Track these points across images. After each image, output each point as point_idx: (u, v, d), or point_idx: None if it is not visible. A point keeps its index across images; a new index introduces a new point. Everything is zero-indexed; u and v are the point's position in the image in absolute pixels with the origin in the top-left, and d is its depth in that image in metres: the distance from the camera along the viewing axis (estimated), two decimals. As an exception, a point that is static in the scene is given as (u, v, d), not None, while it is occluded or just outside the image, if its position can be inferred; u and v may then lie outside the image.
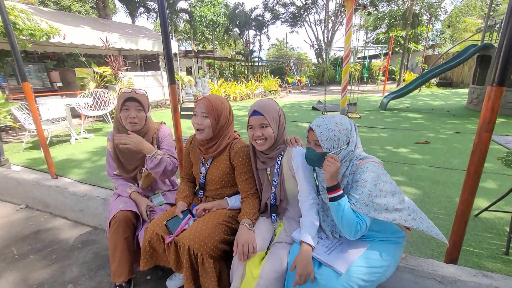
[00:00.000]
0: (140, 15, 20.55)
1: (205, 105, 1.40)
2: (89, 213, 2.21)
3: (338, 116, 1.23)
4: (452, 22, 23.95)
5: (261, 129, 1.31)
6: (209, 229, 1.33)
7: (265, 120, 1.30)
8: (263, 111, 1.30)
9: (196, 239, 1.27)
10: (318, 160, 1.19)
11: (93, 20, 10.41)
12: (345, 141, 1.18)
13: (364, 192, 1.09)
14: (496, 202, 2.10)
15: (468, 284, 1.16)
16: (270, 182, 1.41)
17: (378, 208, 1.08)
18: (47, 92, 6.67)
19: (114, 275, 1.49)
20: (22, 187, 2.57)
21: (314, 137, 1.19)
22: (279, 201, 1.39)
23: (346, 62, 4.91)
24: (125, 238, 1.50)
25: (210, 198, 1.59)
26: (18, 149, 4.32)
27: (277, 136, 1.35)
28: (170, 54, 1.93)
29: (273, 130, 1.31)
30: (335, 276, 1.07)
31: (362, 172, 1.13)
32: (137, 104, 1.56)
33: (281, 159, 1.38)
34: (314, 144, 1.22)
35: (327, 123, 1.17)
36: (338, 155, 1.17)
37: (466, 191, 1.34)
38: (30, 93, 2.80)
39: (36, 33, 4.72)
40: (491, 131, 1.26)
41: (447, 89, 14.04)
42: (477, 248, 1.84)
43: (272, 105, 1.36)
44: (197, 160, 1.57)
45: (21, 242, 2.05)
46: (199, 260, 1.28)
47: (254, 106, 1.35)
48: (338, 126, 1.17)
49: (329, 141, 1.16)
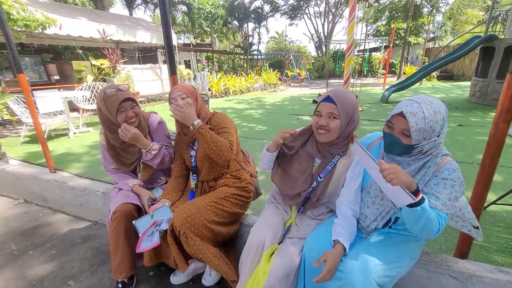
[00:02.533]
0: (138, 6, 20.20)
1: (180, 89, 1.46)
2: (89, 207, 2.16)
3: (435, 100, 1.01)
4: (454, 14, 23.66)
5: (328, 119, 1.18)
6: (195, 208, 1.34)
7: (336, 110, 1.16)
8: (337, 100, 1.16)
9: (179, 217, 1.29)
10: (403, 151, 1.03)
11: (90, 11, 10.18)
12: (438, 132, 1.01)
13: (452, 192, 0.99)
14: (505, 196, 2.06)
15: (484, 280, 1.12)
16: (311, 174, 1.30)
17: (462, 209, 1.01)
18: (44, 85, 6.55)
19: (116, 272, 1.44)
20: (20, 181, 2.51)
21: (404, 125, 0.99)
22: (315, 199, 1.28)
23: (349, 54, 4.82)
24: (126, 233, 1.45)
25: (205, 184, 1.58)
26: (15, 143, 4.25)
27: (343, 133, 1.21)
28: (170, 43, 1.85)
29: (341, 123, 1.18)
30: (354, 271, 1.01)
31: (452, 170, 1.01)
32: (131, 103, 1.52)
33: (338, 159, 1.26)
34: (400, 133, 1.01)
35: (424, 112, 0.96)
36: (424, 147, 1.02)
37: (480, 184, 1.29)
38: (26, 85, 2.72)
39: (31, 24, 4.59)
40: (509, 121, 1.19)
41: (448, 82, 13.95)
42: (486, 242, 1.80)
43: (350, 98, 1.21)
44: (186, 148, 1.58)
45: (20, 237, 2.00)
46: (182, 238, 1.29)
47: (330, 92, 1.20)
48: (437, 115, 0.97)
49: (423, 133, 0.97)
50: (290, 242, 1.22)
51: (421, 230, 0.98)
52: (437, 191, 1.01)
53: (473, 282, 1.13)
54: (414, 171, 1.06)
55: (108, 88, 1.48)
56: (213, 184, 1.56)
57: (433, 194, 1.01)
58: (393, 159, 1.10)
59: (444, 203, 0.99)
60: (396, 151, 1.05)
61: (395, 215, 1.13)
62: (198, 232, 1.30)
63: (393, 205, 1.10)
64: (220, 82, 11.04)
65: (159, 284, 1.56)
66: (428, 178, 1.04)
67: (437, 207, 0.98)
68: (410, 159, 1.07)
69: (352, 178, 1.21)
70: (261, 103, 8.47)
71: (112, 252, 1.45)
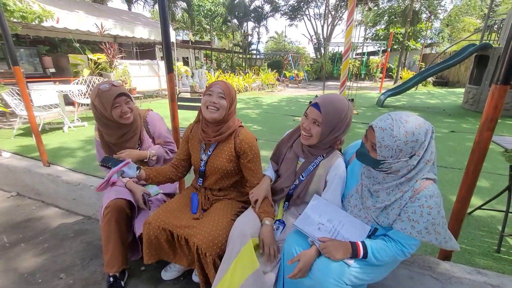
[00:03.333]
0: (137, 1, 20.04)
1: (222, 86, 1.39)
2: (82, 202, 2.17)
3: (413, 120, 0.99)
4: (451, 21, 23.97)
5: (312, 124, 1.22)
6: (219, 229, 1.31)
7: (320, 118, 1.19)
8: (323, 109, 1.18)
9: (205, 240, 1.26)
10: (371, 164, 1.07)
11: (88, 4, 10.09)
12: (409, 154, 0.99)
13: (429, 220, 0.99)
14: (490, 201, 2.12)
15: (462, 281, 1.17)
16: (295, 172, 1.35)
17: (439, 237, 1.02)
18: (40, 78, 6.49)
19: (107, 266, 1.47)
20: (13, 174, 2.51)
21: (373, 138, 1.01)
22: (296, 196, 1.34)
23: (346, 57, 4.88)
24: (118, 227, 1.47)
25: (209, 191, 1.56)
26: (9, 136, 4.21)
27: (324, 140, 1.24)
28: (168, 40, 1.87)
29: (322, 131, 1.20)
30: (328, 271, 1.06)
31: (429, 196, 1.00)
32: (125, 98, 1.53)
33: (320, 161, 1.30)
34: (370, 146, 1.05)
35: (394, 130, 0.96)
36: (392, 165, 1.02)
37: (463, 189, 1.34)
38: (21, 77, 2.71)
39: (28, 16, 4.55)
40: (493, 129, 1.25)
41: (443, 88, 14.14)
42: (470, 245, 1.86)
43: (339, 107, 1.20)
44: (198, 148, 1.52)
45: (12, 230, 2.01)
46: (208, 259, 1.26)
47: (319, 99, 1.22)
48: (407, 136, 0.96)
49: (389, 151, 0.98)
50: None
51: (387, 262, 1.09)
52: (414, 219, 1.01)
53: (452, 283, 1.18)
54: (388, 188, 1.07)
55: (102, 84, 1.50)
56: (217, 193, 1.54)
57: (409, 222, 1.03)
58: (369, 170, 1.13)
59: (419, 231, 1.01)
60: (365, 162, 1.10)
61: (373, 227, 1.17)
62: (220, 251, 1.28)
63: (371, 217, 1.14)
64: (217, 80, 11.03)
65: (150, 279, 1.58)
66: (404, 203, 1.04)
67: (412, 234, 1.02)
68: (384, 175, 1.08)
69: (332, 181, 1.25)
70: (258, 103, 8.50)
71: (104, 246, 1.47)
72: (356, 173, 1.23)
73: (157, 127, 1.73)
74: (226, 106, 1.39)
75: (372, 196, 1.12)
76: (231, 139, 1.46)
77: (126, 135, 1.60)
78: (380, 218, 1.11)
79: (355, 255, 1.07)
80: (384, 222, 1.10)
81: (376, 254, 1.06)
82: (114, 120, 1.52)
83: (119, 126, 1.56)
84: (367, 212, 1.14)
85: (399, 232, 1.07)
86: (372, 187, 1.11)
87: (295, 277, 1.10)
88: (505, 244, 1.89)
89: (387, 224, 1.10)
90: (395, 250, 1.06)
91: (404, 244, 1.06)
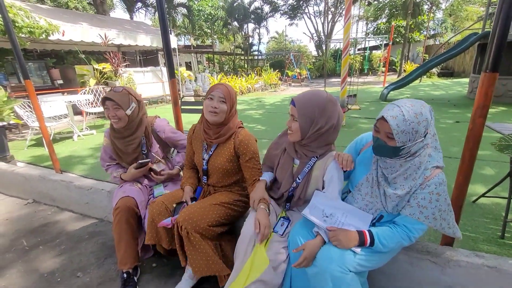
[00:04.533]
0: (138, 10, 20.39)
1: (223, 91, 1.45)
2: (94, 206, 2.27)
3: (416, 103, 1.05)
4: (454, 10, 23.59)
5: (292, 121, 1.25)
6: (203, 209, 1.41)
7: (295, 112, 1.22)
8: (297, 103, 1.22)
9: (187, 217, 1.35)
10: (391, 153, 1.08)
11: (91, 16, 10.36)
12: (423, 133, 1.03)
13: (437, 206, 1.05)
14: (493, 188, 2.13)
15: (460, 263, 1.20)
16: (292, 175, 1.37)
17: (443, 223, 1.08)
18: (48, 89, 6.70)
19: (121, 263, 1.55)
20: (28, 182, 2.63)
21: (387, 128, 1.03)
22: (296, 198, 1.37)
23: (345, 53, 4.90)
24: (129, 226, 1.56)
25: (211, 187, 1.64)
26: (22, 147, 4.38)
27: (307, 134, 1.23)
28: (169, 48, 1.95)
29: (300, 125, 1.22)
30: (331, 258, 1.10)
31: (438, 183, 1.05)
32: (113, 103, 1.59)
33: (315, 162, 1.31)
34: (385, 136, 1.06)
35: (405, 114, 1.00)
36: (411, 148, 1.05)
37: (461, 176, 1.37)
38: (32, 91, 2.84)
39: (35, 31, 4.73)
40: (485, 116, 1.28)
41: (448, 79, 13.94)
42: (474, 232, 1.88)
43: (315, 101, 1.21)
44: (200, 148, 1.60)
45: (30, 234, 2.12)
46: (184, 234, 1.34)
47: (296, 96, 1.26)
48: (418, 117, 1.00)
49: (406, 135, 1.01)
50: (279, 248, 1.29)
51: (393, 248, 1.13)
52: (423, 205, 1.07)
53: (450, 266, 1.22)
54: (406, 173, 1.10)
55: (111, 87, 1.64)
56: (219, 189, 1.63)
57: (419, 208, 1.08)
58: (385, 162, 1.15)
59: (427, 217, 1.07)
60: (384, 153, 1.10)
61: (380, 214, 1.21)
62: (204, 232, 1.37)
63: (381, 205, 1.17)
64: (220, 83, 11.13)
65: (161, 274, 1.66)
66: (414, 189, 1.09)
67: (420, 219, 1.07)
68: (400, 161, 1.10)
69: (330, 182, 1.28)
70: (261, 104, 8.56)
71: (116, 245, 1.56)
72: (366, 162, 1.26)
73: (167, 131, 1.84)
74: (227, 110, 1.47)
75: (390, 185, 1.14)
76: (231, 140, 1.53)
77: (125, 138, 1.70)
78: (390, 205, 1.14)
79: (362, 243, 1.11)
80: (394, 209, 1.14)
81: (382, 240, 1.11)
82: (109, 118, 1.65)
83: (118, 129, 1.68)
84: (377, 200, 1.18)
85: (406, 217, 1.11)
86: (390, 176, 1.13)
87: (300, 265, 1.14)
88: (509, 230, 1.90)
89: (396, 210, 1.14)
90: (400, 235, 1.11)
91: (411, 228, 1.11)
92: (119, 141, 1.71)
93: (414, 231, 1.11)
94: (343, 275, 1.07)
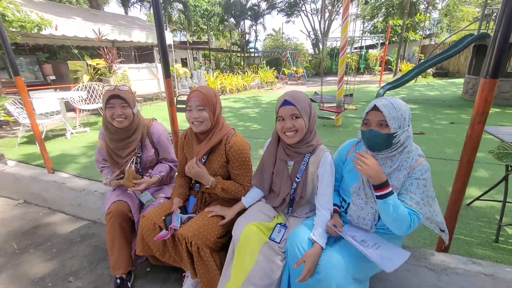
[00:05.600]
0: (133, 5, 20.06)
1: (199, 98, 1.39)
2: (87, 207, 2.23)
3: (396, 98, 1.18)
4: (450, 11, 23.76)
5: (292, 120, 1.26)
6: (208, 222, 1.37)
7: (297, 110, 1.24)
8: (294, 101, 1.25)
9: (197, 232, 1.31)
10: (385, 142, 1.12)
11: (85, 10, 10.14)
12: (408, 122, 1.12)
13: (424, 192, 1.09)
14: (488, 192, 2.15)
15: (457, 271, 1.20)
16: (289, 177, 1.37)
17: (430, 209, 1.09)
18: (40, 85, 6.56)
19: (114, 268, 1.52)
20: (19, 182, 2.57)
21: (379, 117, 1.11)
22: (298, 198, 1.36)
23: (343, 53, 4.89)
24: (121, 231, 1.53)
25: (207, 194, 1.60)
26: (13, 144, 4.28)
27: (307, 129, 1.29)
28: (164, 47, 1.91)
29: (304, 121, 1.26)
30: (333, 264, 1.09)
31: (424, 170, 1.10)
32: (121, 101, 1.54)
33: (309, 157, 1.33)
34: (378, 125, 1.12)
35: (393, 103, 1.11)
36: (401, 137, 1.11)
37: (458, 181, 1.37)
38: (23, 87, 2.76)
39: (27, 25, 4.60)
40: (484, 122, 1.28)
41: (443, 79, 14.07)
42: (468, 236, 1.89)
43: (303, 96, 1.30)
44: (192, 155, 1.56)
45: (21, 237, 2.07)
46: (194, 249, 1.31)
47: (285, 96, 1.28)
48: (403, 106, 1.12)
49: (397, 121, 1.09)
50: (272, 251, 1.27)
51: (392, 223, 1.07)
52: (411, 191, 1.10)
53: (447, 273, 1.22)
54: (400, 165, 1.14)
55: (112, 86, 1.57)
56: (214, 196, 1.59)
57: (408, 194, 1.11)
58: (377, 159, 1.16)
59: (417, 202, 1.08)
60: (379, 143, 1.13)
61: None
62: (212, 245, 1.34)
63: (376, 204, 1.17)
64: (217, 80, 11.07)
65: (155, 279, 1.64)
66: (403, 179, 1.13)
67: (412, 206, 1.08)
68: (392, 154, 1.14)
69: (324, 176, 1.30)
70: (257, 102, 8.53)
71: (109, 250, 1.53)
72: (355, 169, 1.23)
73: (161, 141, 1.77)
74: (209, 116, 1.42)
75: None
76: (221, 145, 1.49)
77: (123, 141, 1.64)
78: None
79: (384, 185, 1.06)
80: None
81: (397, 203, 1.06)
82: (110, 121, 1.57)
83: (116, 130, 1.61)
84: (372, 200, 1.19)
85: None
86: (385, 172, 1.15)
87: (304, 279, 1.12)
88: (504, 233, 1.92)
89: None
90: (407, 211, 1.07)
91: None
92: (115, 143, 1.65)
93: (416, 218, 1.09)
94: (346, 280, 1.06)
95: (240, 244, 1.26)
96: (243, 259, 1.23)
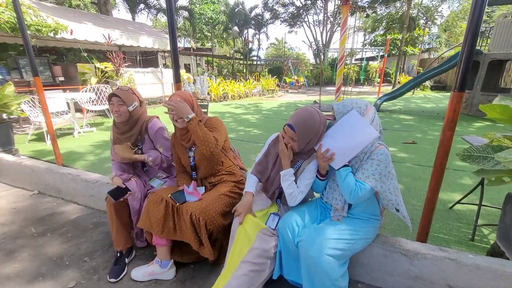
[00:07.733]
0: (141, 11, 20.57)
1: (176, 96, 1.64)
2: (99, 198, 2.40)
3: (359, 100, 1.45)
4: (449, 26, 24.36)
5: (290, 139, 1.44)
6: (209, 200, 1.58)
7: (295, 136, 1.40)
8: (296, 129, 1.39)
9: (198, 207, 1.51)
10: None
11: (95, 16, 10.50)
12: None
13: (377, 169, 1.30)
14: (466, 196, 2.34)
15: (427, 256, 1.39)
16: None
17: (384, 186, 1.31)
18: (50, 86, 6.80)
19: (115, 244, 1.77)
20: (35, 174, 2.75)
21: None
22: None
23: (341, 64, 5.14)
24: (117, 214, 1.75)
25: (205, 180, 1.81)
26: (23, 141, 4.49)
27: (303, 149, 1.47)
28: (176, 55, 2.13)
29: (298, 145, 1.43)
30: (310, 244, 1.29)
31: (380, 153, 1.32)
32: (118, 99, 1.76)
33: (302, 163, 1.53)
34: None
35: (343, 102, 1.44)
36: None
37: (433, 181, 1.57)
38: (41, 87, 3.00)
39: (43, 29, 4.87)
40: (453, 129, 1.50)
41: (440, 92, 14.39)
42: (448, 235, 2.08)
43: (311, 124, 1.40)
44: (183, 149, 1.78)
45: (38, 222, 2.25)
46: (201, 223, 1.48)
47: (293, 119, 1.42)
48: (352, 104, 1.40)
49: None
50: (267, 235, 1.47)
51: (343, 189, 1.34)
52: (365, 168, 1.33)
53: (418, 258, 1.41)
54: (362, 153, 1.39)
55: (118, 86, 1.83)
56: (212, 180, 1.80)
57: (361, 170, 1.34)
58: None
59: (367, 176, 1.31)
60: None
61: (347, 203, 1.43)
62: (213, 219, 1.54)
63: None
64: (219, 87, 11.34)
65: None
66: (364, 161, 1.37)
67: (361, 179, 1.31)
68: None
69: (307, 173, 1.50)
70: (258, 109, 8.77)
71: (111, 229, 1.78)
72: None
73: (157, 135, 1.93)
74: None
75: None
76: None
77: (124, 134, 1.86)
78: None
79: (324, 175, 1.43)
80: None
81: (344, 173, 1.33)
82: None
83: (118, 124, 1.85)
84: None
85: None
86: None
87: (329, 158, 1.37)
88: (479, 233, 2.10)
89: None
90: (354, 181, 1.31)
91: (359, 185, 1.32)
92: (118, 135, 1.88)
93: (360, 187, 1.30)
94: (319, 256, 1.24)
95: (240, 231, 1.45)
96: (242, 240, 1.42)
